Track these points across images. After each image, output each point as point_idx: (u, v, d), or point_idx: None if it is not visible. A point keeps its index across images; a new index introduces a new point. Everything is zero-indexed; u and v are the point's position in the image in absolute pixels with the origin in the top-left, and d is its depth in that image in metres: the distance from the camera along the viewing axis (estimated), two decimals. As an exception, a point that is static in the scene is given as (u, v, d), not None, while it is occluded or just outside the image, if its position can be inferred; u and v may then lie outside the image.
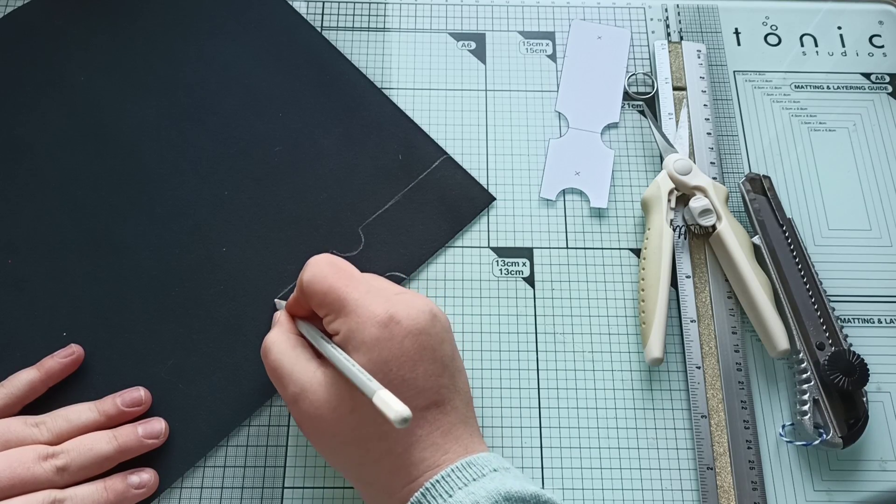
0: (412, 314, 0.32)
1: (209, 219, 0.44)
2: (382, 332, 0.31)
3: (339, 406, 0.32)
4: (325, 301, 0.33)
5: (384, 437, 0.31)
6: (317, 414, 0.32)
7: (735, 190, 0.45)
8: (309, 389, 0.32)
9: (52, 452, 0.35)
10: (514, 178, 0.46)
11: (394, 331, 0.31)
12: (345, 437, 0.32)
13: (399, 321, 0.31)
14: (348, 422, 0.32)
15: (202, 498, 0.38)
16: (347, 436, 0.32)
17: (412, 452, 0.31)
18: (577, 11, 0.51)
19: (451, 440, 0.32)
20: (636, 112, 0.48)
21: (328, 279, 0.33)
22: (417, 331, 0.32)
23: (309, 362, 0.34)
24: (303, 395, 0.32)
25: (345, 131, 0.46)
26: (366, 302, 0.32)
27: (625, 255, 0.44)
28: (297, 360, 0.34)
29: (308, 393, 0.32)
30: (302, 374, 0.33)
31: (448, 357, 0.33)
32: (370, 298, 0.32)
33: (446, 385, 0.32)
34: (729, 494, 0.38)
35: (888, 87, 0.49)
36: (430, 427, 0.32)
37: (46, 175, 0.44)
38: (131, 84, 0.47)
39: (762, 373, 0.41)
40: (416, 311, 0.32)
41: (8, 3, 0.50)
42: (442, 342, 0.33)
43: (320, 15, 0.50)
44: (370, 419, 0.31)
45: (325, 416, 0.32)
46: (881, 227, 0.45)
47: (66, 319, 0.41)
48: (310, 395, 0.32)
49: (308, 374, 0.33)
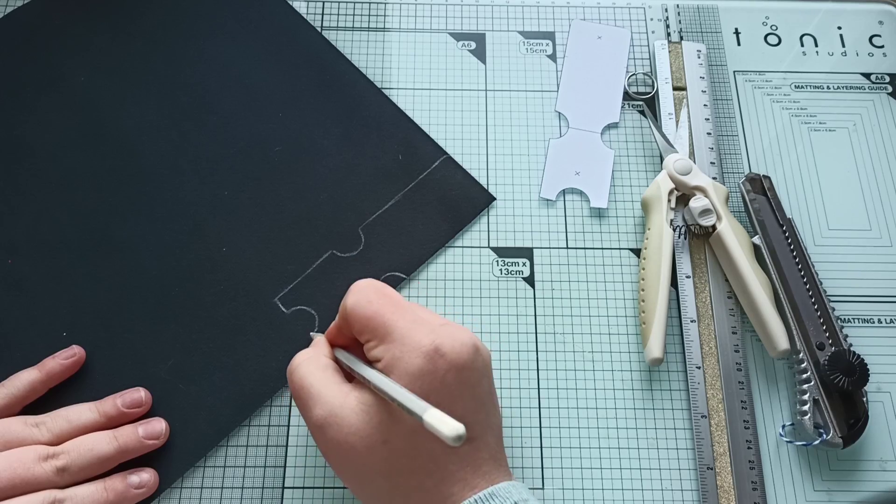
0: (456, 347, 0.31)
1: (209, 219, 0.44)
2: (427, 363, 0.30)
3: (372, 435, 0.30)
4: (369, 326, 0.32)
5: (415, 471, 0.30)
6: (346, 442, 0.31)
7: (735, 190, 0.45)
8: (339, 414, 0.31)
9: (52, 453, 0.35)
10: (514, 178, 0.46)
11: (438, 363, 0.30)
12: (375, 469, 0.31)
13: (444, 354, 0.31)
14: (380, 452, 0.30)
15: (202, 498, 0.38)
16: (378, 467, 0.31)
17: (441, 488, 0.30)
18: (577, 11, 0.51)
19: (479, 476, 0.31)
20: (636, 112, 0.48)
21: (373, 304, 0.32)
22: (460, 365, 0.31)
23: (341, 386, 0.32)
24: (332, 419, 0.31)
25: (345, 131, 0.46)
26: (412, 331, 0.31)
27: (625, 255, 0.44)
28: (328, 382, 0.32)
29: (338, 418, 0.31)
30: (333, 398, 0.32)
31: (486, 394, 0.32)
32: (416, 328, 0.31)
33: (481, 422, 0.32)
34: (729, 494, 0.38)
35: (888, 87, 0.49)
36: (461, 463, 0.31)
37: (46, 175, 0.44)
38: (131, 84, 0.47)
39: (762, 373, 0.41)
40: (459, 344, 0.31)
41: (8, 3, 0.50)
42: (482, 378, 0.32)
43: (320, 15, 0.50)
44: (403, 452, 0.30)
45: (355, 445, 0.31)
46: (881, 227, 0.45)
47: (66, 319, 0.41)
48: (339, 421, 0.31)
49: (339, 397, 0.32)
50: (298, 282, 0.42)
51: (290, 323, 0.41)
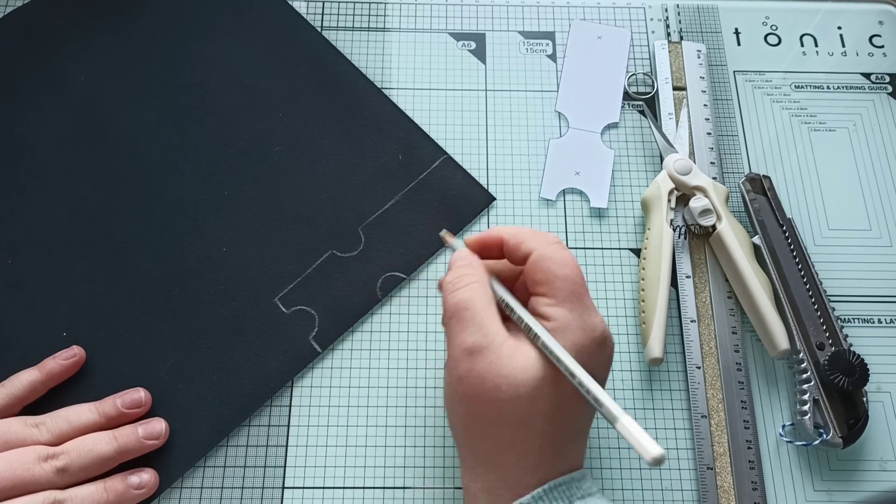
0: (611, 344, 0.33)
1: (209, 219, 0.44)
2: (594, 347, 0.31)
3: (522, 387, 0.30)
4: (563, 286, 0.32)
5: (544, 435, 0.30)
6: (494, 381, 0.30)
7: (735, 190, 0.45)
8: (498, 352, 0.30)
9: (52, 453, 0.35)
10: (514, 178, 0.46)
11: (601, 352, 0.32)
12: (507, 418, 0.30)
13: (608, 346, 0.32)
14: (522, 406, 0.30)
15: (202, 498, 0.38)
16: (511, 418, 0.30)
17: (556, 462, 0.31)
18: (577, 11, 0.51)
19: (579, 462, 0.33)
20: (636, 112, 0.48)
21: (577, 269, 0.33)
22: (609, 360, 0.33)
23: (502, 325, 0.32)
24: (488, 352, 0.30)
25: (345, 131, 0.46)
26: (592, 311, 0.32)
27: (625, 255, 0.44)
28: (494, 317, 0.32)
29: (496, 355, 0.30)
30: (496, 334, 0.31)
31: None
32: (595, 310, 0.33)
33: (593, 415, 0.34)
34: (729, 494, 0.38)
35: (888, 87, 0.49)
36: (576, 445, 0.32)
37: (46, 175, 0.44)
38: (131, 84, 0.47)
39: (762, 373, 0.41)
40: (611, 342, 0.33)
41: (8, 3, 0.50)
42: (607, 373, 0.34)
43: (320, 15, 0.50)
44: (542, 414, 0.30)
45: (502, 388, 0.30)
46: (881, 227, 0.45)
47: (66, 319, 0.41)
48: (497, 359, 0.30)
49: (502, 335, 0.31)
50: (298, 282, 0.42)
51: (290, 323, 0.41)
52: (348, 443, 0.39)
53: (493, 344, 0.31)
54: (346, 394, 0.40)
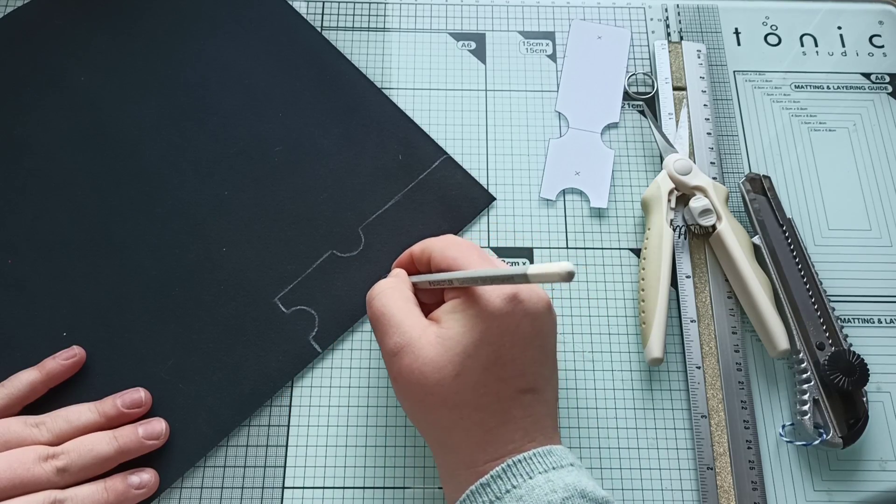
0: (533, 298, 0.32)
1: (209, 219, 0.44)
2: (506, 305, 0.31)
3: (445, 367, 0.31)
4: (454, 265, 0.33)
5: (481, 408, 0.31)
6: (419, 371, 0.32)
7: (735, 190, 0.45)
8: (416, 345, 0.32)
9: (52, 453, 0.35)
10: (514, 178, 0.46)
11: (516, 308, 0.32)
12: (441, 399, 0.31)
13: (522, 301, 0.32)
14: (451, 385, 0.31)
15: (202, 498, 0.38)
16: (445, 399, 0.31)
17: (502, 431, 0.31)
18: (577, 11, 0.51)
19: (538, 430, 0.32)
20: (636, 112, 0.48)
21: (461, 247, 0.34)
22: (535, 315, 0.32)
23: (420, 318, 0.33)
24: (408, 348, 0.32)
25: (345, 131, 0.46)
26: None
27: (625, 255, 0.44)
28: (409, 312, 0.33)
29: (414, 348, 0.32)
30: (412, 329, 0.32)
31: (551, 351, 0.34)
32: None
33: (546, 376, 0.33)
34: (729, 494, 0.38)
35: (888, 87, 0.49)
36: (524, 412, 0.32)
37: (46, 175, 0.44)
38: (131, 84, 0.47)
39: (762, 373, 0.41)
40: (536, 296, 0.32)
41: (8, 3, 0.50)
42: (550, 334, 0.33)
43: (320, 15, 0.50)
44: (472, 387, 0.31)
45: (427, 375, 0.31)
46: (881, 227, 0.45)
47: (67, 319, 0.41)
48: (416, 350, 0.32)
49: (418, 328, 0.32)
50: (298, 282, 0.42)
51: (290, 323, 0.41)
52: (348, 443, 0.39)
53: (412, 338, 0.32)
54: (346, 394, 0.40)
